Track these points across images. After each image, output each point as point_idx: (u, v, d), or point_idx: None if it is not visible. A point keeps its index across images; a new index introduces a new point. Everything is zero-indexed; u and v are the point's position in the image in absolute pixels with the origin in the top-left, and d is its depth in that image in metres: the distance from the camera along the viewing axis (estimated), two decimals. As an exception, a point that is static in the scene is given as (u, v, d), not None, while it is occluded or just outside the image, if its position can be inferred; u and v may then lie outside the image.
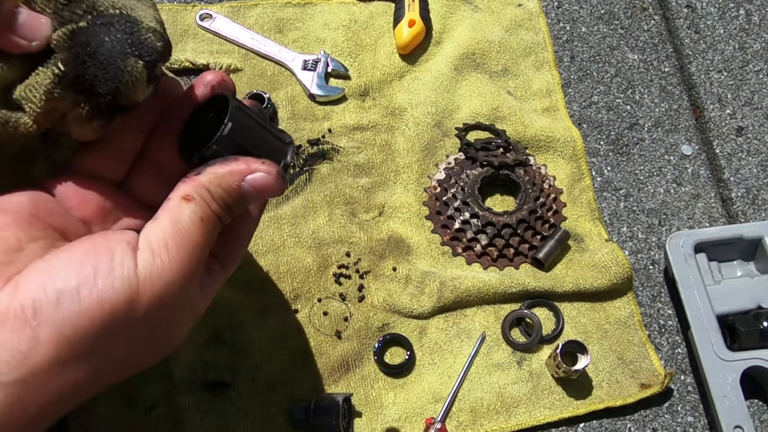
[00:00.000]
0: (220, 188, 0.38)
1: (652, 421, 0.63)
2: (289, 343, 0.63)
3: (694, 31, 0.83)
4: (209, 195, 0.38)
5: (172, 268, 0.35)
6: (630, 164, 0.75)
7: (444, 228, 0.70)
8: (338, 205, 0.70)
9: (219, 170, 0.38)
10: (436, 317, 0.66)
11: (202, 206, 0.37)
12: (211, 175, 0.38)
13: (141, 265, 0.34)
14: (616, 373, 0.64)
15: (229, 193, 0.38)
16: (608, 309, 0.67)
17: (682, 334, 0.67)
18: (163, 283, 0.35)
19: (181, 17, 0.78)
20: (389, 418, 0.61)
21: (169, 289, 0.35)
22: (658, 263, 0.71)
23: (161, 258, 0.35)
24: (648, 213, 0.73)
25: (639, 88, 0.80)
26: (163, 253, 0.35)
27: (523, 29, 0.81)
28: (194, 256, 0.37)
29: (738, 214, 0.73)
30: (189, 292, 0.38)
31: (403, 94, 0.76)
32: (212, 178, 0.38)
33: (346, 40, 0.78)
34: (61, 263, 0.33)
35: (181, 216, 0.37)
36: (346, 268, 0.67)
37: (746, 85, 0.80)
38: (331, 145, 0.72)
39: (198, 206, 0.37)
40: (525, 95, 0.78)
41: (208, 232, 0.38)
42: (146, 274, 0.34)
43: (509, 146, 0.73)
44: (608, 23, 0.83)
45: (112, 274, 0.33)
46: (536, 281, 0.66)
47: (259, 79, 0.75)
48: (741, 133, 0.77)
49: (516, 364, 0.64)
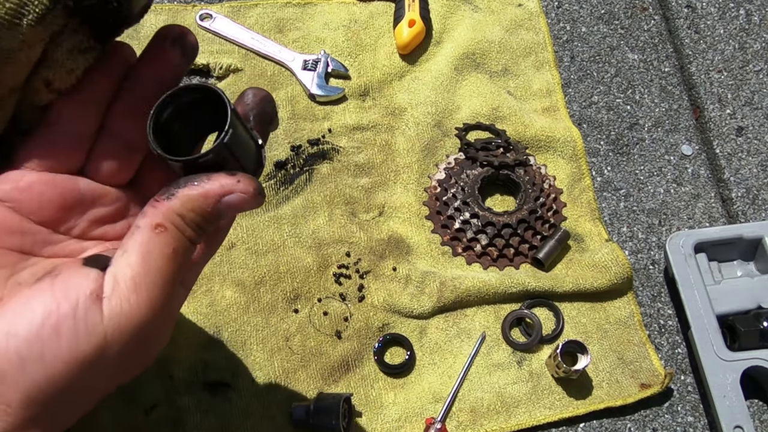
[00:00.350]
0: (194, 213, 0.35)
1: (652, 421, 0.63)
2: (289, 343, 0.63)
3: (694, 31, 0.83)
4: (182, 222, 0.34)
5: (141, 311, 0.33)
6: (630, 164, 0.75)
7: (444, 228, 0.70)
8: (338, 205, 0.70)
9: (192, 193, 0.34)
10: (436, 317, 0.66)
11: (176, 236, 0.34)
12: (185, 200, 0.34)
13: (107, 314, 0.32)
14: (616, 373, 0.64)
15: (203, 216, 0.35)
16: (608, 309, 0.67)
17: (682, 334, 0.67)
18: (133, 326, 0.33)
19: (181, 17, 0.78)
20: (389, 418, 0.61)
21: (140, 329, 0.33)
22: (658, 263, 0.71)
23: (130, 302, 0.33)
24: (648, 213, 0.73)
25: (639, 88, 0.80)
26: (132, 297, 0.33)
27: (523, 29, 0.81)
28: (165, 291, 0.34)
29: (738, 214, 0.73)
30: (160, 323, 0.35)
31: (403, 94, 0.76)
32: (185, 203, 0.34)
33: (346, 40, 0.78)
34: (22, 324, 0.31)
35: (152, 250, 0.34)
36: (346, 268, 0.67)
37: (746, 85, 0.80)
38: (331, 145, 0.72)
39: (171, 237, 0.34)
40: (525, 95, 0.78)
41: (181, 262, 0.35)
42: (114, 322, 0.32)
43: (509, 146, 0.73)
44: (608, 23, 0.83)
45: (77, 335, 0.31)
46: (536, 281, 0.66)
47: (259, 79, 0.75)
48: (741, 133, 0.77)
49: (516, 364, 0.64)
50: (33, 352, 0.31)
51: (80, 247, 0.38)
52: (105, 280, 0.33)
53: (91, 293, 0.32)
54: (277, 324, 0.64)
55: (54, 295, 0.32)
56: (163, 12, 0.78)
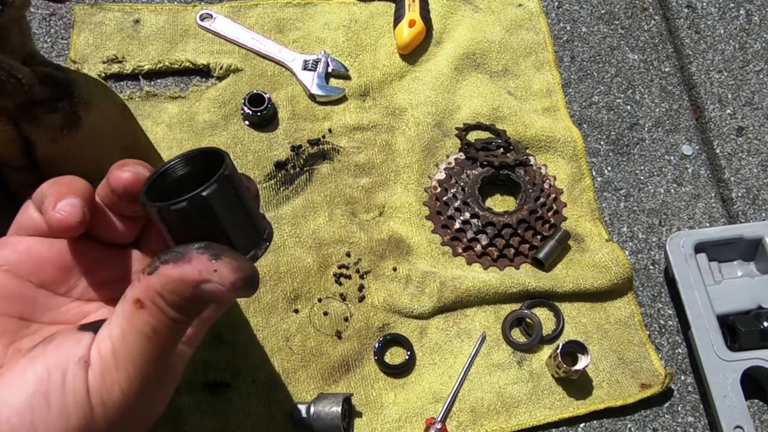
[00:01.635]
0: (174, 295, 0.31)
1: (653, 422, 0.63)
2: (289, 343, 0.63)
3: (695, 31, 0.83)
4: (163, 301, 0.32)
5: (122, 387, 0.31)
6: (630, 164, 0.75)
7: (444, 228, 0.70)
8: (338, 205, 0.70)
9: (171, 274, 0.31)
10: (437, 317, 0.66)
11: (155, 315, 0.32)
12: (164, 280, 0.31)
13: (92, 388, 0.31)
14: (617, 373, 0.64)
15: (185, 299, 0.32)
16: (608, 309, 0.67)
17: (683, 334, 0.67)
18: (116, 405, 0.31)
19: (181, 17, 0.78)
20: (389, 418, 0.61)
21: (124, 408, 0.32)
22: (659, 263, 0.71)
23: (110, 377, 0.31)
24: (648, 213, 0.73)
25: (639, 88, 0.80)
26: (112, 372, 0.31)
27: (523, 29, 0.81)
28: (147, 369, 0.32)
29: (738, 214, 0.73)
30: (147, 400, 0.33)
31: (403, 94, 0.76)
32: (165, 283, 0.31)
33: (346, 40, 0.78)
34: (15, 393, 0.30)
35: (131, 326, 0.32)
36: (347, 268, 0.67)
37: (746, 85, 0.80)
38: (332, 145, 0.72)
39: (150, 315, 0.32)
40: (525, 95, 0.78)
41: (163, 343, 0.32)
42: (97, 398, 0.31)
43: (509, 146, 0.73)
44: (608, 23, 0.83)
45: (66, 404, 0.30)
46: (536, 281, 0.66)
47: (260, 79, 0.75)
48: (741, 133, 0.77)
49: (516, 364, 0.64)
50: (24, 423, 0.30)
51: (82, 311, 0.36)
52: (91, 348, 0.32)
53: (79, 359, 0.31)
54: (278, 324, 0.64)
55: (46, 362, 0.31)
56: (163, 12, 0.78)
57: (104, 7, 0.77)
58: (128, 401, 0.32)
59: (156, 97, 0.74)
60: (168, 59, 0.75)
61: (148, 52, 0.76)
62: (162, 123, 0.72)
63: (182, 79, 0.76)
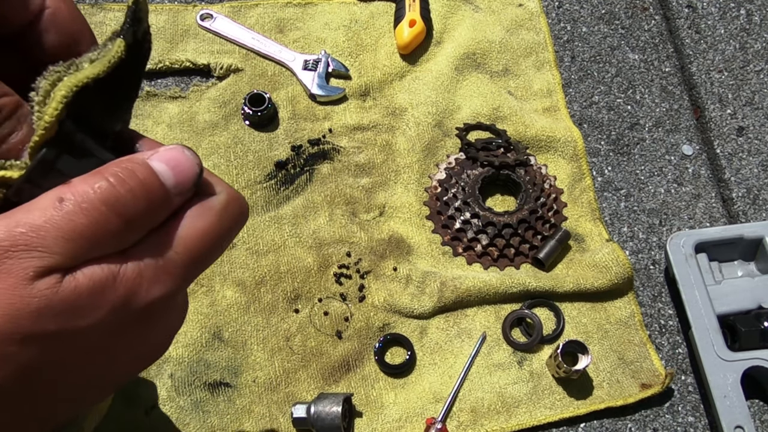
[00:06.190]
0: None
1: (653, 421, 0.63)
2: (289, 343, 0.63)
3: (695, 31, 0.83)
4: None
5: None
6: (631, 164, 0.75)
7: (444, 228, 0.70)
8: (339, 205, 0.70)
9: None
10: (437, 317, 0.66)
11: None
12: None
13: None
14: (617, 373, 0.64)
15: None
16: (609, 309, 0.67)
17: (683, 334, 0.67)
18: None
19: (181, 17, 0.78)
20: (390, 418, 0.61)
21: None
22: (659, 263, 0.71)
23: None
24: (649, 213, 0.73)
25: (640, 88, 0.80)
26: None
27: (523, 29, 0.81)
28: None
29: (739, 214, 0.73)
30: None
31: (403, 94, 0.76)
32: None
33: (346, 40, 0.78)
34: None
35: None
36: (347, 268, 0.67)
37: (747, 85, 0.80)
38: (332, 145, 0.72)
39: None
40: (526, 95, 0.78)
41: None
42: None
43: (510, 146, 0.73)
44: (609, 23, 0.83)
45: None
46: (537, 281, 0.66)
47: (260, 79, 0.75)
48: (742, 133, 0.77)
49: (517, 364, 0.64)
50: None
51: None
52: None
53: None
54: (278, 324, 0.64)
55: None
56: (163, 12, 0.78)
57: (105, 7, 0.77)
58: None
59: (156, 97, 0.74)
60: (168, 59, 0.75)
61: (149, 52, 0.76)
62: (162, 123, 0.72)
63: (182, 79, 0.76)
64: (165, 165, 0.29)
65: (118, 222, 0.27)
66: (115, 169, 0.28)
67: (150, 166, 0.28)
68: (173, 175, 0.29)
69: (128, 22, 0.30)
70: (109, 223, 0.27)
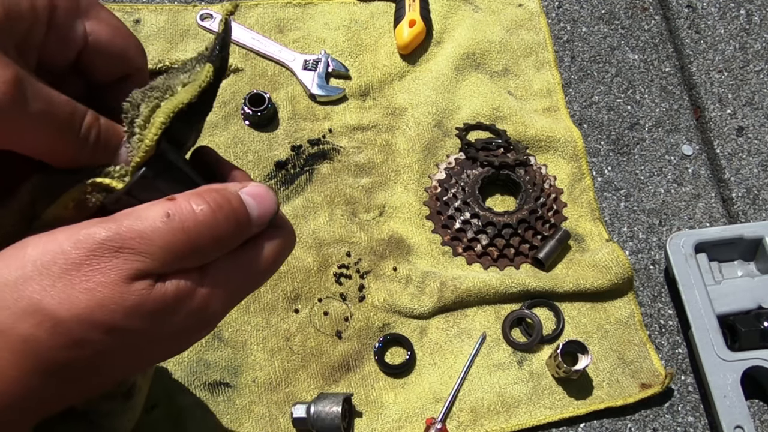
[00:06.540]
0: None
1: (653, 421, 0.63)
2: (289, 343, 0.63)
3: (695, 31, 0.83)
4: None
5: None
6: (630, 164, 0.75)
7: (444, 228, 0.70)
8: (339, 205, 0.70)
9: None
10: (437, 317, 0.66)
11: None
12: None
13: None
14: (617, 373, 0.64)
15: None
16: (609, 309, 0.67)
17: (683, 334, 0.67)
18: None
19: (181, 17, 0.78)
20: (389, 418, 0.61)
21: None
22: (659, 263, 0.71)
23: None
24: (648, 213, 0.73)
25: (639, 88, 0.79)
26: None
27: (523, 29, 0.81)
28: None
29: (738, 214, 0.73)
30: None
31: (403, 94, 0.76)
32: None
33: (346, 40, 0.78)
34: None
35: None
36: (347, 268, 0.67)
37: (747, 85, 0.80)
38: (332, 145, 0.72)
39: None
40: (525, 95, 0.78)
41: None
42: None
43: (510, 146, 0.73)
44: (609, 23, 0.83)
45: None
46: (537, 281, 0.66)
47: (260, 79, 0.75)
48: (741, 133, 0.77)
49: (516, 364, 0.64)
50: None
51: None
52: None
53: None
54: (278, 324, 0.64)
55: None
56: (163, 12, 0.78)
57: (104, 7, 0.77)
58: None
59: (156, 97, 0.74)
60: (168, 59, 0.75)
61: (149, 52, 0.75)
62: (162, 123, 0.72)
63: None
64: (252, 199, 0.33)
65: (210, 242, 0.31)
66: (215, 195, 0.32)
67: (241, 198, 0.33)
68: (257, 209, 0.33)
69: (217, 48, 0.33)
70: (204, 242, 0.31)
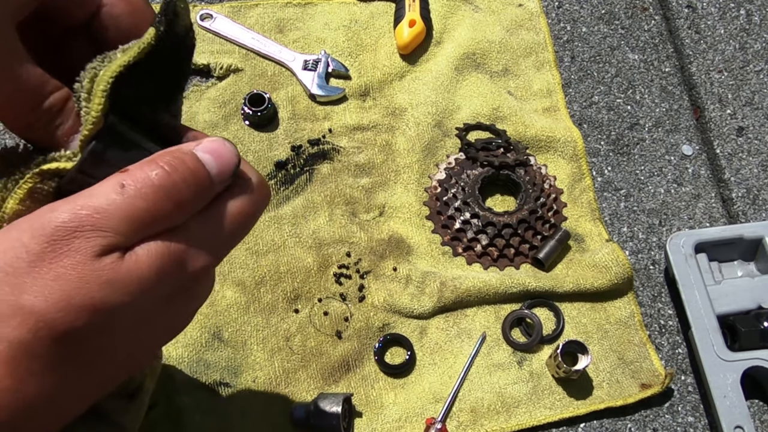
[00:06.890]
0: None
1: (653, 422, 0.63)
2: (289, 343, 0.63)
3: (695, 31, 0.83)
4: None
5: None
6: (630, 164, 0.75)
7: (444, 228, 0.70)
8: (339, 205, 0.70)
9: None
10: (437, 317, 0.66)
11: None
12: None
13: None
14: (617, 374, 0.64)
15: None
16: (609, 309, 0.67)
17: (683, 334, 0.67)
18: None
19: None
20: (389, 418, 0.61)
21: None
22: (659, 263, 0.71)
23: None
24: (648, 213, 0.73)
25: (639, 88, 0.80)
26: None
27: (523, 29, 0.81)
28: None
29: (738, 214, 0.73)
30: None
31: (403, 94, 0.76)
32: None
33: (346, 40, 0.78)
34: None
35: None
36: (347, 268, 0.67)
37: (747, 85, 0.80)
38: (332, 145, 0.72)
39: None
40: (525, 95, 0.78)
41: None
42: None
43: (510, 146, 0.73)
44: (609, 23, 0.83)
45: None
46: (537, 281, 0.66)
47: (260, 79, 0.75)
48: (741, 133, 0.77)
49: (516, 364, 0.64)
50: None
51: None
52: None
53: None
54: (278, 324, 0.64)
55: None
56: (163, 12, 0.78)
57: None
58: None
59: (156, 97, 0.74)
60: (168, 59, 0.75)
61: (149, 52, 0.76)
62: (162, 123, 0.72)
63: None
64: (209, 155, 0.32)
65: (171, 205, 0.30)
66: (168, 158, 0.31)
67: (197, 156, 0.32)
68: (216, 165, 0.32)
69: (161, 12, 0.32)
70: (164, 207, 0.30)
